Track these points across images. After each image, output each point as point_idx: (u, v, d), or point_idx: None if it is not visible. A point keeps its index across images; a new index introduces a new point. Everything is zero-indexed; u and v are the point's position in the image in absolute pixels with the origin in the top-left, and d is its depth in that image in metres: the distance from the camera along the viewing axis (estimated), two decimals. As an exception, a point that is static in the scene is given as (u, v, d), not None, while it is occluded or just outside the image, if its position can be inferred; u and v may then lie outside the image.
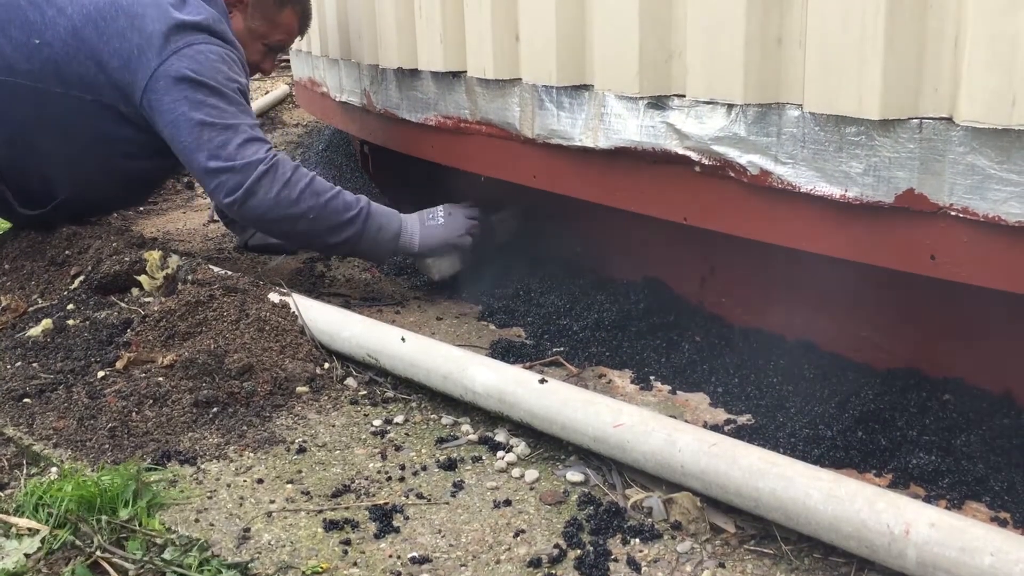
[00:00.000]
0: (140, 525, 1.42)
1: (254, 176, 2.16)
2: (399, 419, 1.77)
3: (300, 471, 1.59)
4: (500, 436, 1.68)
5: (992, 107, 1.23)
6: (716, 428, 1.68)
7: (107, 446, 1.65)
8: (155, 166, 2.52)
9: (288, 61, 4.66)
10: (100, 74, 2.29)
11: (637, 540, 1.37)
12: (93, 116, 2.34)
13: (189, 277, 2.16)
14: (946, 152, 1.31)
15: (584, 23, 1.85)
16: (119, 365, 1.90)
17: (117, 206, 3.02)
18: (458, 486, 1.53)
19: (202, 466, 1.60)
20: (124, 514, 1.43)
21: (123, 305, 2.17)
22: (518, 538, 1.39)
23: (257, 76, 3.12)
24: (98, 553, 1.36)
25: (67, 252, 2.42)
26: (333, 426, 1.75)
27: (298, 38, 2.72)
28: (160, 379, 1.83)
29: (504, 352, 2.04)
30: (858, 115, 1.37)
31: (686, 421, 1.63)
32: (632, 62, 1.72)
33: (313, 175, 2.23)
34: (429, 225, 2.36)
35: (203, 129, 2.20)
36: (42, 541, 1.39)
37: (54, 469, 1.61)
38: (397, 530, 1.41)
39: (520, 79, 2.05)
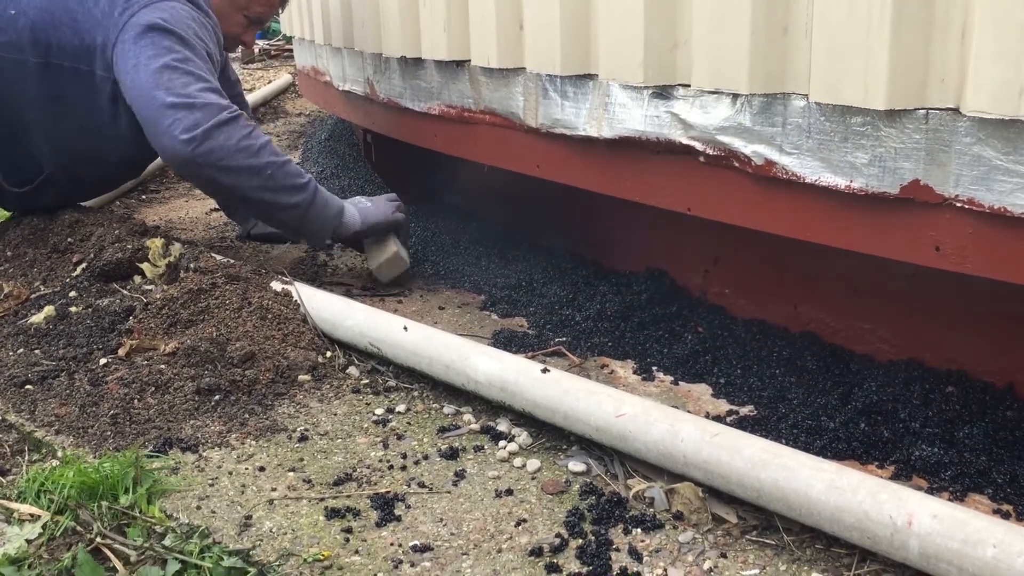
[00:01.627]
0: (141, 512, 1.42)
1: (216, 120, 2.08)
2: (401, 408, 1.77)
3: (302, 459, 1.59)
4: (502, 426, 1.68)
5: (999, 97, 1.22)
6: (718, 419, 1.67)
7: (109, 433, 1.65)
8: (135, 134, 2.39)
9: (291, 50, 4.66)
10: (75, 37, 2.27)
11: (639, 530, 1.37)
12: (72, 84, 2.32)
13: (191, 265, 2.16)
14: (952, 143, 1.31)
15: (588, 11, 1.84)
16: (121, 352, 1.90)
17: (104, 185, 2.94)
18: (460, 475, 1.53)
19: (204, 453, 1.60)
20: (125, 501, 1.43)
21: (125, 292, 2.17)
22: (520, 527, 1.39)
23: (259, 65, 3.11)
24: (99, 539, 1.36)
25: (69, 239, 2.42)
26: (335, 414, 1.74)
27: (279, 10, 2.68)
28: (162, 366, 1.83)
29: (506, 342, 2.04)
30: (864, 105, 1.37)
31: (688, 412, 1.63)
32: (637, 51, 1.71)
33: (270, 138, 2.18)
34: (362, 207, 2.36)
35: (164, 70, 2.12)
36: (43, 527, 1.39)
37: (56, 456, 1.61)
38: (399, 518, 1.41)
39: (524, 68, 2.04)
